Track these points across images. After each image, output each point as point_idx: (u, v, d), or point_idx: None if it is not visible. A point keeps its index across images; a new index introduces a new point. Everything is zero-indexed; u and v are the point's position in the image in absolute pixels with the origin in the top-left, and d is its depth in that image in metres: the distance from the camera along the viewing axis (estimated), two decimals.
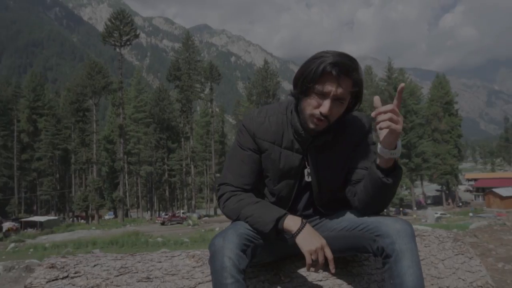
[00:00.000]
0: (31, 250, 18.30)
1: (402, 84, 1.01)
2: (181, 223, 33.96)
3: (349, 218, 1.23)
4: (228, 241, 1.04)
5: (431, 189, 69.45)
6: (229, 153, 1.29)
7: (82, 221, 45.54)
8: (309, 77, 1.12)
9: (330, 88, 1.10)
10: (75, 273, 1.11)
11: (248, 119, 1.25)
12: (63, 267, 1.12)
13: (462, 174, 75.54)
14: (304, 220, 1.14)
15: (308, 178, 1.25)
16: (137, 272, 1.15)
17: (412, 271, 1.03)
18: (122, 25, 45.59)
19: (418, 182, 56.47)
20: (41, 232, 30.83)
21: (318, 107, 1.12)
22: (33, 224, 35.91)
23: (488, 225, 4.63)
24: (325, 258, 1.10)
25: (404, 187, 56.53)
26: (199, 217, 40.13)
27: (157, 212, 52.22)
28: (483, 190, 57.48)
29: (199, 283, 1.20)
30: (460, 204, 56.58)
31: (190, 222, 32.96)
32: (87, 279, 1.10)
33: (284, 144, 1.22)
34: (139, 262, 1.19)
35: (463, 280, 1.47)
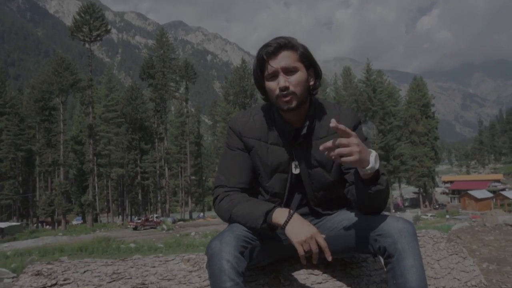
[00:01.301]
0: None
1: (332, 123, 1.02)
2: (154, 228, 33.37)
3: (349, 217, 1.24)
4: (225, 243, 1.05)
5: (408, 191, 71.61)
6: (220, 157, 1.35)
7: (48, 227, 44.05)
8: (257, 70, 1.24)
9: (274, 66, 1.20)
10: (64, 280, 1.08)
11: (233, 120, 1.32)
12: (50, 274, 1.08)
13: (438, 177, 78.36)
14: (292, 211, 1.14)
15: (295, 171, 1.28)
16: (130, 278, 1.12)
17: (415, 270, 1.04)
18: (92, 19, 44.46)
19: (396, 185, 58.07)
20: (2, 239, 29.49)
21: (277, 87, 1.21)
22: None
23: (470, 226, 4.82)
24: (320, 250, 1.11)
25: None
26: (174, 222, 39.59)
27: (129, 217, 51.05)
28: (458, 193, 59.83)
29: None
30: (437, 206, 58.61)
31: (164, 226, 32.46)
32: (78, 286, 1.08)
33: (270, 140, 1.28)
34: (132, 267, 1.15)
35: (458, 280, 1.51)
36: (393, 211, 51.08)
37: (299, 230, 1.09)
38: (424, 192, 60.10)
